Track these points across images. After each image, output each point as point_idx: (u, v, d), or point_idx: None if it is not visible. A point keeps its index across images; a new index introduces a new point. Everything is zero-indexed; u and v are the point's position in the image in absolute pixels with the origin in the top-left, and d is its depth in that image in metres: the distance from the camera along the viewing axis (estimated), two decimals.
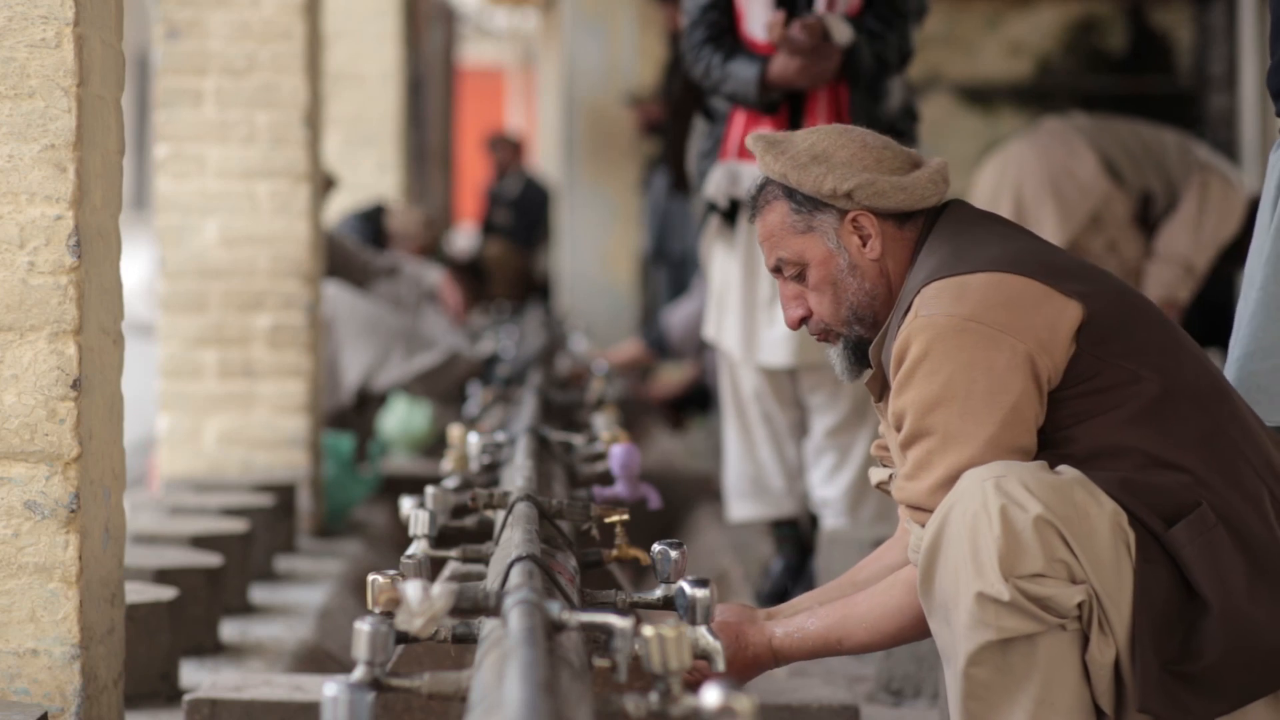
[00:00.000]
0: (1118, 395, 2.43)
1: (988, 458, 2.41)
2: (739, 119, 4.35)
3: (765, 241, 2.67)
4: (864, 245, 2.60)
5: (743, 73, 4.25)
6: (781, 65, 4.21)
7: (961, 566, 2.35)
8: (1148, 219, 5.57)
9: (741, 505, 4.68)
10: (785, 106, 4.31)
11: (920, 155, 2.67)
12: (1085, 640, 2.35)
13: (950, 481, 2.43)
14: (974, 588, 2.34)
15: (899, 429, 2.50)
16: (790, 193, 2.63)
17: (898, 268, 2.61)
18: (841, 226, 2.60)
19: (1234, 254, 5.67)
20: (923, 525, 2.46)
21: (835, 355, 2.68)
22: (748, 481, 4.61)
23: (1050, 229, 5.50)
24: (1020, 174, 5.62)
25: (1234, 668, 2.33)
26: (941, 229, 2.59)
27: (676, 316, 7.47)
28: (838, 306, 2.62)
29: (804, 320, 2.66)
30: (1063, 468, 2.40)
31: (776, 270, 2.67)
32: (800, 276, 2.64)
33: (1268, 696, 2.37)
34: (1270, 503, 2.41)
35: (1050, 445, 2.45)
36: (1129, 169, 5.54)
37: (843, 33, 4.21)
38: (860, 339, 2.64)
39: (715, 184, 4.38)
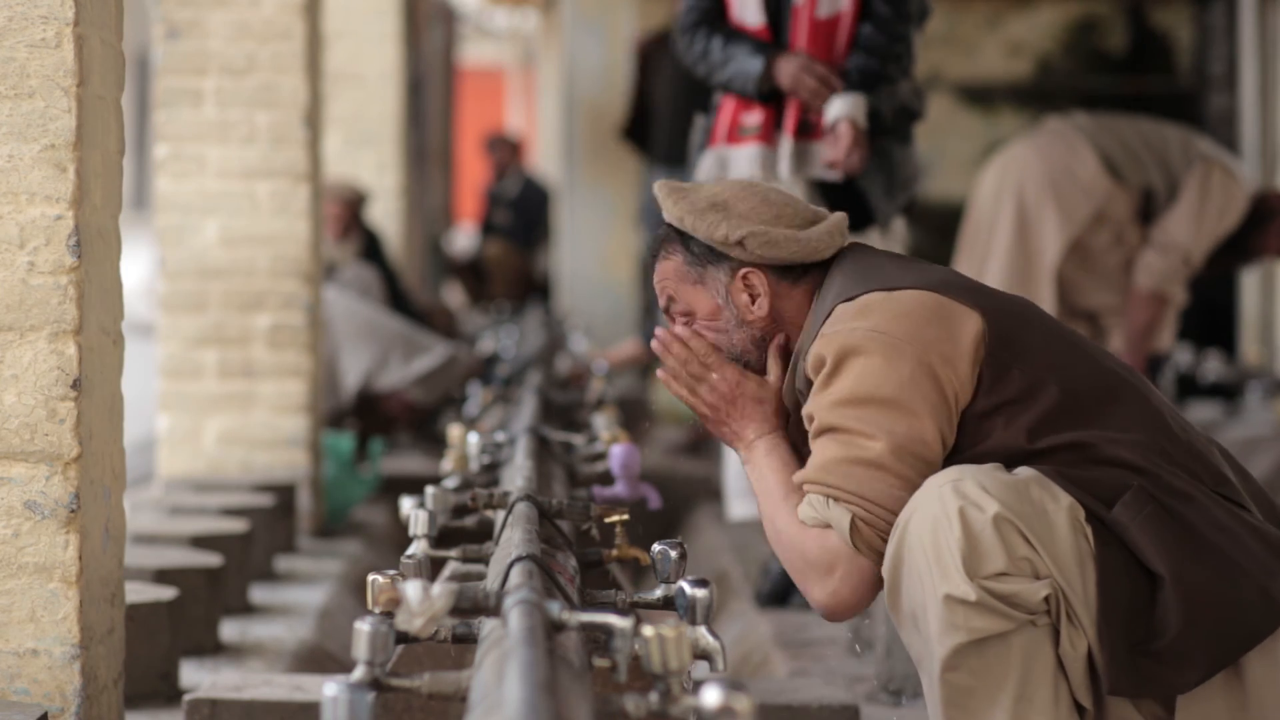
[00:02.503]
0: (1030, 404, 2.46)
1: (887, 461, 2.44)
2: (728, 105, 4.35)
3: (659, 284, 2.73)
4: (752, 303, 2.65)
5: (747, 66, 4.23)
6: (792, 82, 4.19)
7: (926, 572, 2.37)
8: (1150, 215, 5.56)
9: (742, 504, 4.68)
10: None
11: (824, 212, 2.71)
12: (1057, 635, 2.37)
13: (842, 464, 2.46)
14: (941, 591, 2.35)
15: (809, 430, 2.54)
16: (687, 243, 2.67)
17: (794, 319, 2.66)
18: (732, 283, 2.65)
19: (1235, 250, 5.66)
20: (815, 495, 2.49)
21: None
22: (748, 480, 4.61)
23: (1052, 230, 5.50)
24: (1022, 176, 5.61)
25: (1198, 637, 2.36)
26: (842, 264, 2.64)
27: None
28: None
29: None
30: (1020, 468, 2.42)
31: (666, 310, 2.73)
32: (688, 322, 2.70)
33: (1224, 672, 2.39)
34: (1196, 483, 2.44)
35: (971, 463, 2.46)
36: (1129, 167, 5.53)
37: (859, 111, 4.19)
38: None
39: (705, 171, 4.37)
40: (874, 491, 2.45)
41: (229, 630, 4.24)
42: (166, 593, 3.72)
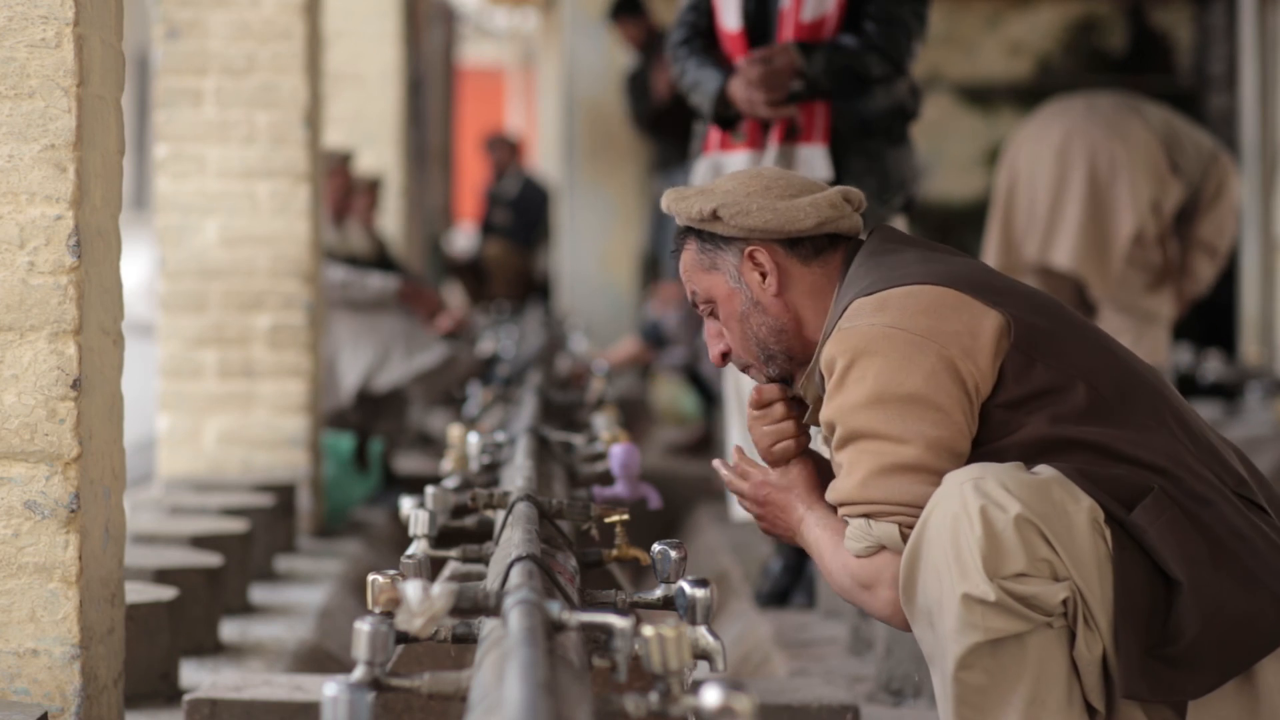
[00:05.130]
0: (1054, 399, 2.45)
1: (924, 460, 2.43)
2: None
3: (682, 279, 2.73)
4: (763, 281, 2.64)
5: (706, 86, 4.26)
6: (741, 95, 4.20)
7: (945, 570, 2.36)
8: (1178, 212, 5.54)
9: None
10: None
11: (824, 186, 2.69)
12: (1072, 637, 2.37)
13: (878, 476, 2.44)
14: (959, 590, 2.34)
15: (830, 438, 2.52)
16: (697, 234, 2.68)
17: (812, 303, 2.64)
18: (742, 263, 2.65)
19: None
20: (855, 522, 2.48)
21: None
22: None
23: (1125, 210, 5.43)
24: (1093, 151, 5.48)
25: (1213, 642, 2.36)
26: (862, 258, 2.62)
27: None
28: (746, 341, 2.66)
29: (726, 356, 2.71)
30: (1040, 467, 2.42)
31: (694, 304, 2.73)
32: (714, 313, 2.69)
33: (1237, 678, 2.39)
34: (1216, 485, 2.44)
35: (993, 456, 2.45)
36: (1184, 160, 5.47)
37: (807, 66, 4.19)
38: (781, 378, 2.67)
39: (701, 177, 4.38)
40: (913, 495, 2.43)
41: (229, 630, 4.24)
42: (166, 593, 3.72)
